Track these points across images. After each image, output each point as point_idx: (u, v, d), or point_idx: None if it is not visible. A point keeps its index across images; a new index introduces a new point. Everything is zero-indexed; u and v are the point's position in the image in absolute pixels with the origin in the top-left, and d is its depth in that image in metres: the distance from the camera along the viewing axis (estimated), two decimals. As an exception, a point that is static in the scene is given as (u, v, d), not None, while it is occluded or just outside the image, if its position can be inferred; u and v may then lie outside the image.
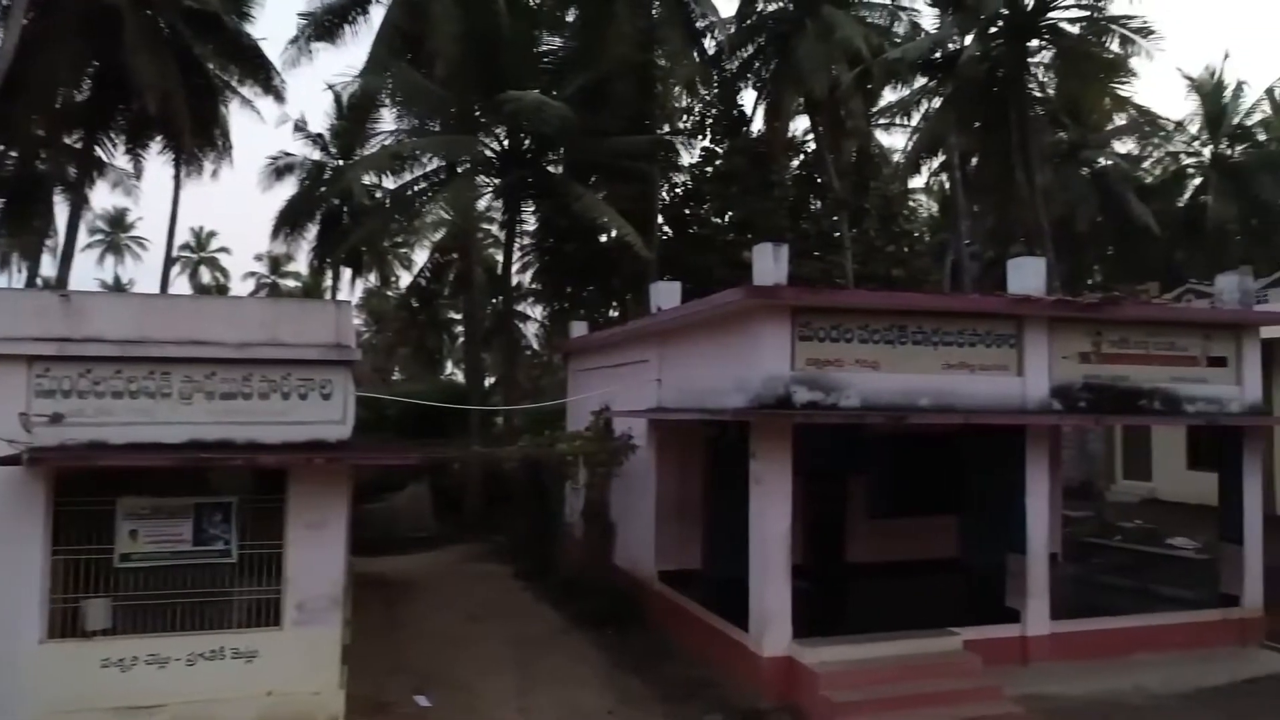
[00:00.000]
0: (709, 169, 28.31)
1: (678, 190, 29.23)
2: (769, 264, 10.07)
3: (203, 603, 8.97)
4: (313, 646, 9.01)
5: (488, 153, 20.58)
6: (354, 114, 28.27)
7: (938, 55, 20.96)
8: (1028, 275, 11.23)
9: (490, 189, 21.69)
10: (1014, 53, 19.68)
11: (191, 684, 8.67)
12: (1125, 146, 40.41)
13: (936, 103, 26.87)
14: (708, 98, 30.04)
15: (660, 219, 27.72)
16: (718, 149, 29.47)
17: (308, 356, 9.08)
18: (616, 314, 27.19)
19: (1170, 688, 10.59)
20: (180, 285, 64.78)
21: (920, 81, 25.39)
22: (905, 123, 35.28)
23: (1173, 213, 38.70)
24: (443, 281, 39.91)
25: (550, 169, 21.89)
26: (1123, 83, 19.16)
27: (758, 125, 29.94)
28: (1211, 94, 38.59)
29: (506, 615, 14.71)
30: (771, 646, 10.00)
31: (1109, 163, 38.56)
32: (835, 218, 27.81)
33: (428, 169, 21.29)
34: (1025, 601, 11.04)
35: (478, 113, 19.37)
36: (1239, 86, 38.98)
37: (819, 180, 29.10)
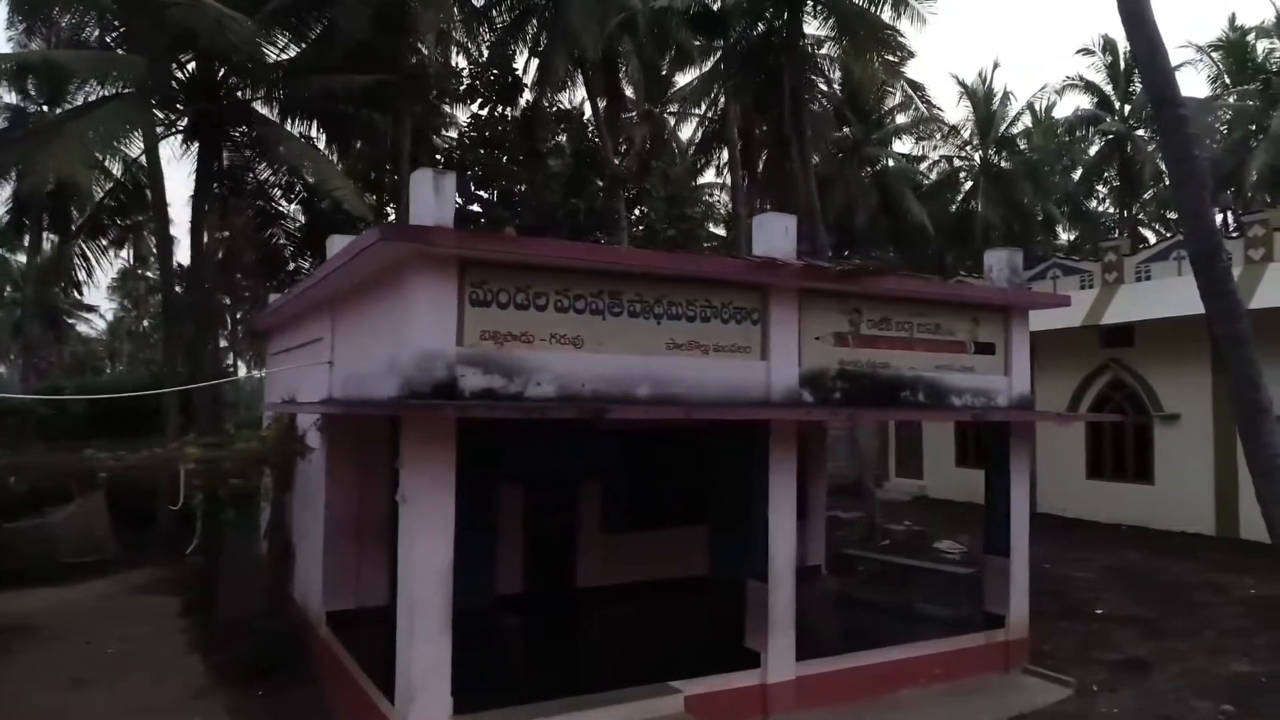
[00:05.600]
0: (472, 135, 25.31)
1: (439, 158, 26.06)
2: (428, 198, 7.25)
3: None
4: None
5: (172, 83, 16.39)
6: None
7: (711, 8, 19.00)
8: (774, 234, 9.07)
9: (167, 125, 17.45)
10: (788, 17, 18.05)
11: None
12: (905, 147, 41.20)
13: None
14: (480, 59, 27.11)
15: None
16: (491, 116, 26.59)
17: None
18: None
19: (931, 737, 8.82)
20: None
21: (699, 51, 23.54)
22: (697, 111, 33.98)
23: (945, 214, 39.68)
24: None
25: (264, 111, 18.00)
26: (897, 52, 18.00)
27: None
28: (982, 101, 39.83)
29: (133, 673, 11.07)
30: (421, 727, 7.19)
31: (892, 163, 39.00)
32: (614, 197, 25.60)
33: (94, 97, 16.82)
34: (767, 640, 8.87)
35: (138, 26, 15.15)
36: (1005, 96, 40.53)
37: (600, 157, 26.86)
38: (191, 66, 16.74)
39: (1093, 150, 41.54)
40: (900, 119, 37.93)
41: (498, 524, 11.33)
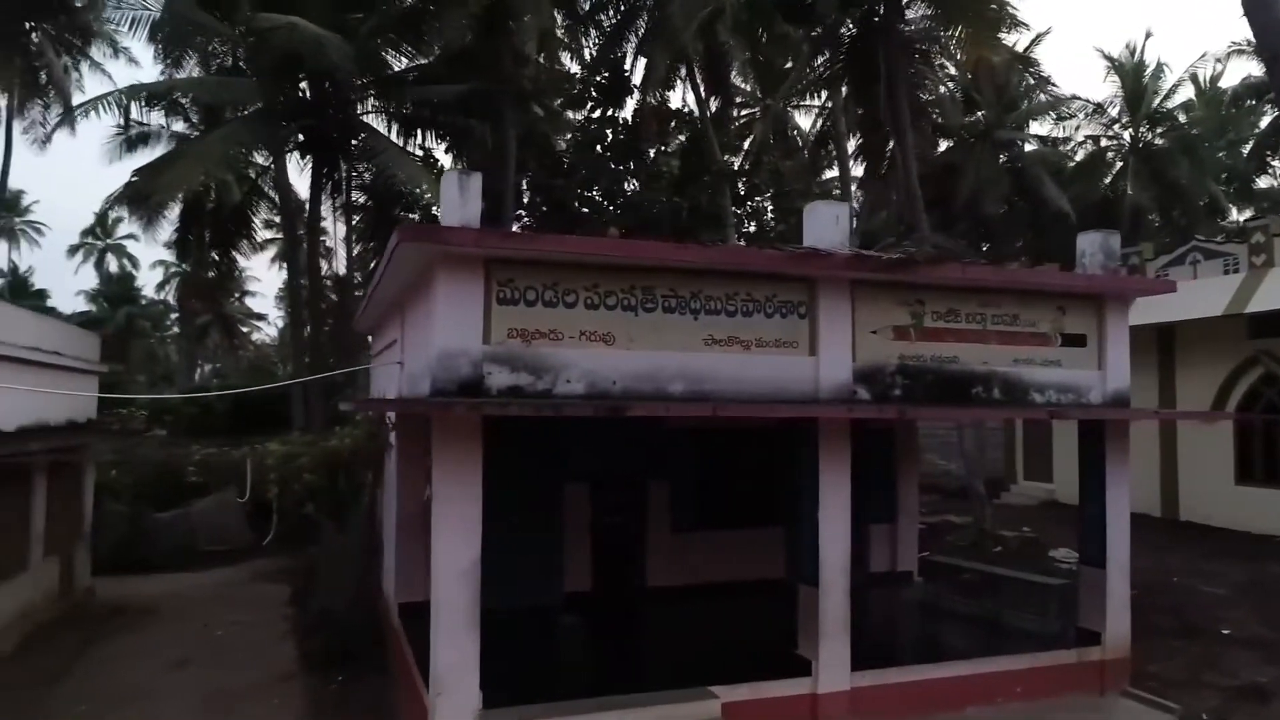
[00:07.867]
0: (579, 136, 25.66)
1: (560, 160, 26.50)
2: (454, 198, 7.35)
3: None
4: None
5: (281, 100, 17.43)
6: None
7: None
8: (824, 224, 8.65)
9: (283, 141, 18.60)
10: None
11: None
12: (1044, 129, 38.69)
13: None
14: (589, 62, 27.43)
15: (530, 194, 24.98)
16: (602, 117, 26.87)
17: None
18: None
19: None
20: (84, 276, 60.73)
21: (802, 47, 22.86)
22: (813, 104, 33.09)
23: (1092, 198, 36.95)
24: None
25: (374, 123, 18.85)
26: (1012, 28, 16.82)
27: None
28: (1131, 75, 36.88)
29: (229, 657, 11.85)
30: (449, 718, 7.29)
31: (1031, 147, 36.71)
32: (719, 194, 25.29)
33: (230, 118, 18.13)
34: (818, 647, 8.48)
35: (251, 51, 16.19)
36: (1159, 68, 37.32)
37: (706, 154, 26.62)
38: (304, 86, 17.76)
39: (1264, 122, 37.64)
40: (1039, 99, 35.59)
41: (565, 523, 11.43)
